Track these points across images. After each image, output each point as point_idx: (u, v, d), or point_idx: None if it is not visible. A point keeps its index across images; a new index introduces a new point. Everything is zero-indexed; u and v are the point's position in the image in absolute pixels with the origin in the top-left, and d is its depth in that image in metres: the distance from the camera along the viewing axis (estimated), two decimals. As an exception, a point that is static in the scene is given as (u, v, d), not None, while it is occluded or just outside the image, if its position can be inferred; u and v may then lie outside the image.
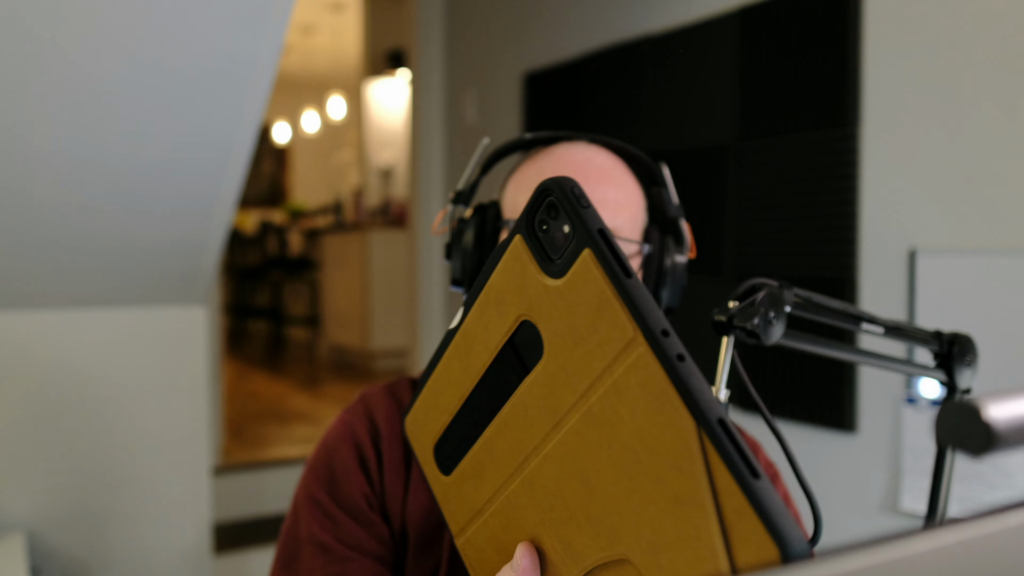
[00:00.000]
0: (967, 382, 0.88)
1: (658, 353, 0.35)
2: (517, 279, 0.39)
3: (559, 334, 0.38)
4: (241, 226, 7.61)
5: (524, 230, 0.39)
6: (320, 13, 6.71)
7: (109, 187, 1.77)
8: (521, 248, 0.39)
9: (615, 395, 0.36)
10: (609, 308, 0.36)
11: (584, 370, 0.37)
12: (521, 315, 0.39)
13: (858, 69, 1.77)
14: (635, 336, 0.35)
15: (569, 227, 0.37)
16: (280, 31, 1.58)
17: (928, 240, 1.66)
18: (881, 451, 1.73)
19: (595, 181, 0.78)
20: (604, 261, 0.36)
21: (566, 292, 0.37)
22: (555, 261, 0.38)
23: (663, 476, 0.35)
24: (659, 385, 0.35)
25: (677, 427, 0.34)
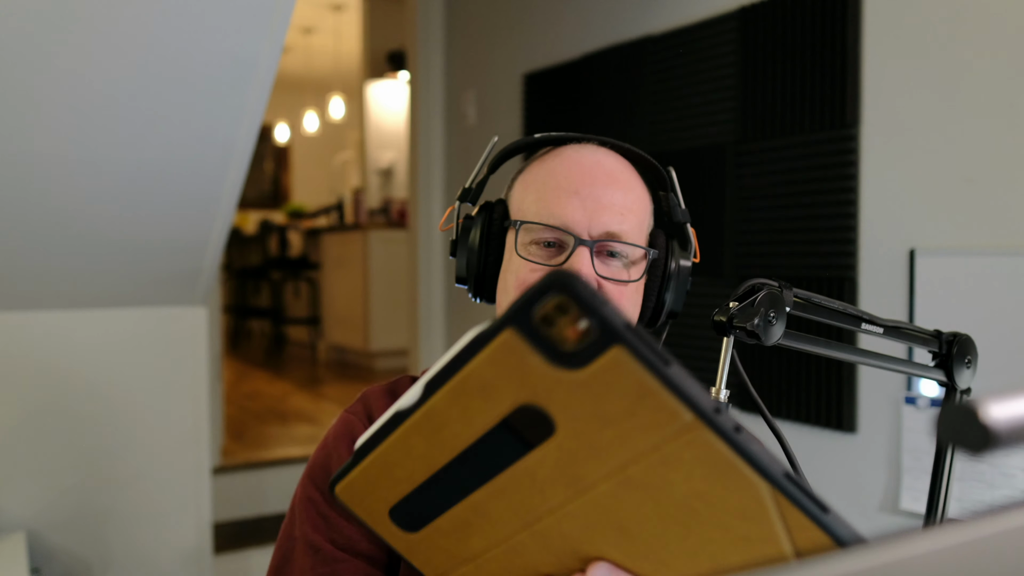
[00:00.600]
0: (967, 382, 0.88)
1: (719, 432, 0.36)
2: (513, 371, 0.38)
3: (580, 417, 0.37)
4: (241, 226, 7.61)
5: (519, 325, 0.37)
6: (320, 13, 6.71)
7: (110, 188, 1.77)
8: (515, 342, 0.37)
9: (663, 465, 0.37)
10: (654, 397, 0.36)
11: (619, 448, 0.37)
12: (520, 402, 0.38)
13: (858, 69, 1.77)
14: (692, 420, 0.36)
15: (587, 323, 0.36)
16: (280, 32, 1.59)
17: (928, 240, 1.66)
18: (881, 451, 1.73)
19: (604, 184, 0.79)
20: (642, 357, 0.35)
21: (591, 383, 0.36)
22: (569, 354, 0.36)
23: (726, 523, 0.37)
24: (722, 457, 0.36)
25: (745, 488, 0.36)
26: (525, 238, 0.79)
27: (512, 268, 0.80)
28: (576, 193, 0.78)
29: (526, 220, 0.79)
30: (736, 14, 2.03)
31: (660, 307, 0.83)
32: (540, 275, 0.77)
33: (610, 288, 0.78)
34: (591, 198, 0.78)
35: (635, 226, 0.80)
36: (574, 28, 2.61)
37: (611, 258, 0.79)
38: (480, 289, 0.84)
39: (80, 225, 1.82)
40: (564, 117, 2.62)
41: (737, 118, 2.03)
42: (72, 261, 1.90)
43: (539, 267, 0.78)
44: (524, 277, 0.78)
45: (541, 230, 0.78)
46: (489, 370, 0.38)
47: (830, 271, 1.82)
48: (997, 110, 1.56)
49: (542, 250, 0.79)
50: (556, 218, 0.77)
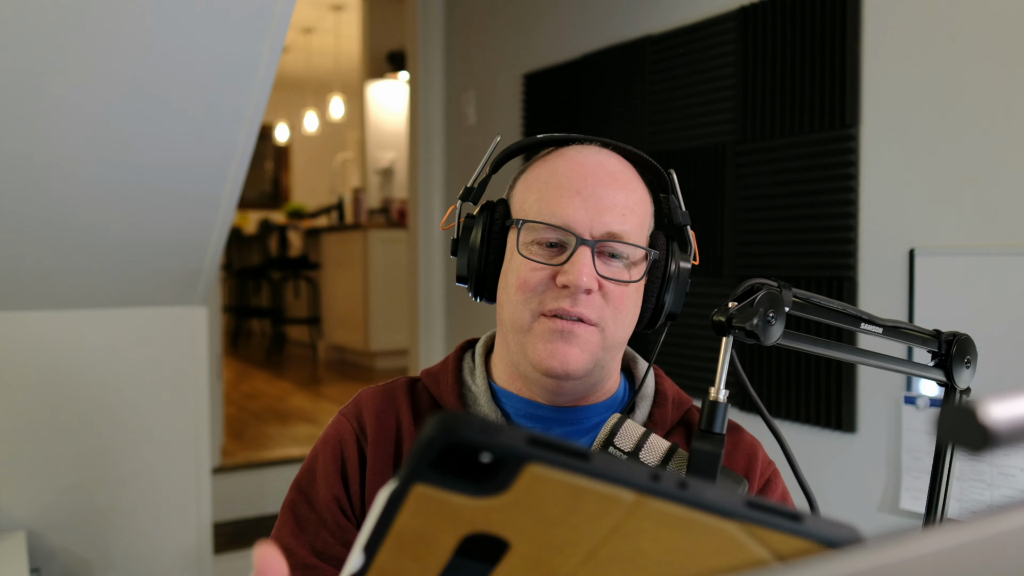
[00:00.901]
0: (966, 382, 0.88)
1: (666, 498, 0.35)
2: (440, 515, 0.36)
3: (527, 527, 0.37)
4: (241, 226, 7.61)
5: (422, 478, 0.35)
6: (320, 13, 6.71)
7: (110, 187, 1.77)
8: (427, 492, 0.35)
9: (628, 540, 0.36)
10: (587, 493, 0.35)
11: (578, 540, 0.37)
12: (462, 535, 0.37)
13: (858, 69, 1.77)
14: (634, 498, 0.35)
15: (488, 457, 0.34)
16: (280, 32, 1.59)
17: (927, 240, 1.66)
18: (881, 451, 1.73)
19: (606, 185, 0.79)
20: (558, 464, 0.34)
21: (520, 500, 0.35)
22: (484, 488, 0.35)
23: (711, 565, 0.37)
24: (679, 516, 0.36)
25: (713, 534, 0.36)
26: (527, 237, 0.79)
27: (513, 267, 0.80)
28: (578, 193, 0.78)
29: (528, 219, 0.79)
30: (736, 14, 2.03)
31: (660, 308, 0.83)
32: (542, 275, 0.78)
33: (611, 288, 0.78)
34: (593, 198, 0.78)
35: (636, 227, 0.80)
36: (574, 28, 2.61)
37: (612, 258, 0.79)
38: (481, 288, 0.85)
39: (80, 225, 1.82)
40: (564, 117, 2.62)
41: (737, 118, 2.03)
42: (72, 261, 1.90)
43: (540, 266, 0.78)
44: (525, 277, 0.78)
45: (543, 229, 0.78)
46: (416, 522, 0.37)
47: (830, 271, 1.82)
48: (997, 110, 1.56)
49: (544, 250, 0.79)
50: (558, 217, 0.78)
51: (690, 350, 2.10)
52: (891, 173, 1.73)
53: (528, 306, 0.78)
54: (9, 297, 1.90)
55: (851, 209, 1.78)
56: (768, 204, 1.96)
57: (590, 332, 0.77)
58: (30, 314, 1.95)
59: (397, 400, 0.87)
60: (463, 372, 0.88)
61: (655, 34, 2.27)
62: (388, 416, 0.85)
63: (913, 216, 1.69)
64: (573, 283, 0.75)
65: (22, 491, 1.94)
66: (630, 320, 0.81)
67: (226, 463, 3.13)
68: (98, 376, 2.04)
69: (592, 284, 0.76)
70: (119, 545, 2.06)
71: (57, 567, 1.98)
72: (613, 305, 0.78)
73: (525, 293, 0.78)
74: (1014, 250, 1.52)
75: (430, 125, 3.36)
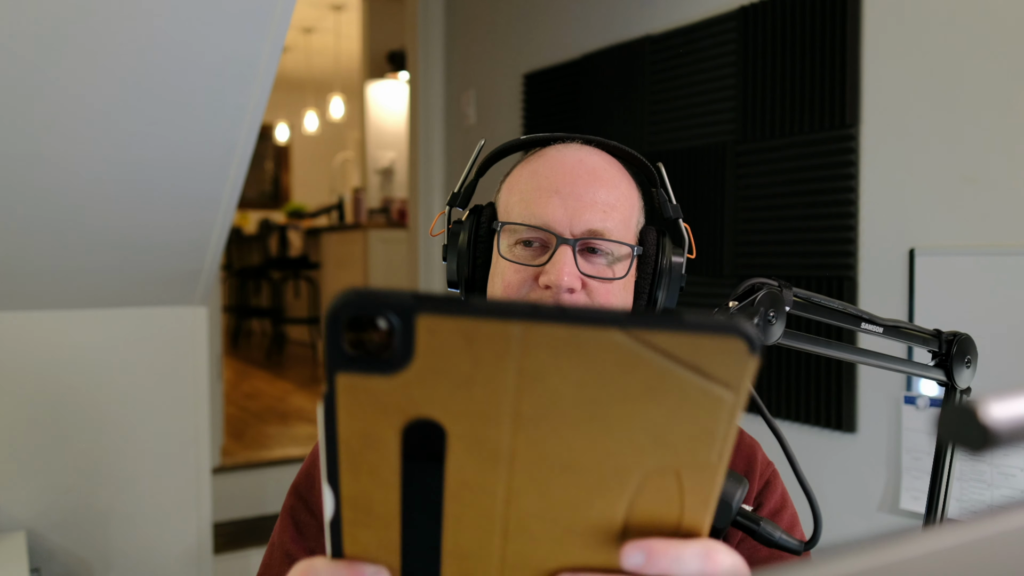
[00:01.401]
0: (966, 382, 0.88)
1: (549, 319, 0.36)
2: (370, 405, 0.38)
3: (450, 398, 0.38)
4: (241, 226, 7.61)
5: (340, 365, 0.37)
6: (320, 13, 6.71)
7: (110, 187, 1.77)
8: (350, 381, 0.37)
9: (537, 382, 0.37)
10: (479, 334, 0.36)
11: (496, 399, 0.38)
12: (399, 425, 0.38)
13: (858, 69, 1.77)
14: (520, 327, 0.36)
15: (383, 320, 0.36)
16: (280, 31, 1.59)
17: (928, 240, 1.66)
18: (881, 451, 1.73)
19: (585, 182, 0.78)
20: (443, 309, 0.36)
21: (430, 364, 0.37)
22: (395, 356, 0.37)
23: (624, 389, 0.37)
24: (567, 338, 0.36)
25: (605, 347, 0.36)
26: (509, 240, 0.79)
27: (498, 271, 0.80)
28: (557, 192, 0.77)
29: (508, 221, 0.79)
30: (736, 14, 2.03)
31: (652, 304, 0.82)
32: (524, 276, 0.77)
33: (595, 286, 0.77)
34: (572, 196, 0.77)
35: (620, 223, 0.79)
36: (574, 28, 2.61)
37: (595, 256, 0.78)
38: (471, 293, 0.84)
39: (80, 225, 1.82)
40: (564, 117, 2.62)
41: (737, 118, 2.03)
42: (72, 261, 1.90)
43: (523, 268, 0.77)
44: (509, 279, 0.78)
45: (524, 231, 0.78)
46: (353, 422, 0.38)
47: (830, 271, 1.82)
48: (997, 110, 1.56)
49: (526, 251, 0.78)
50: (537, 218, 0.77)
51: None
52: (891, 173, 1.73)
53: None
54: (9, 297, 1.91)
55: (851, 209, 1.78)
56: (768, 204, 1.96)
57: None
58: (30, 314, 1.95)
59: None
60: None
61: (655, 34, 2.27)
62: None
63: (913, 216, 1.69)
64: (554, 283, 0.74)
65: (22, 491, 1.94)
66: None
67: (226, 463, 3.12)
68: (98, 376, 2.04)
69: (574, 283, 0.75)
70: (119, 545, 2.06)
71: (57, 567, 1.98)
72: (599, 303, 0.77)
73: (509, 295, 0.78)
74: (1014, 250, 1.52)
75: (430, 125, 3.36)
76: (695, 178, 2.12)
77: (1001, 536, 0.25)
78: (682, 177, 2.15)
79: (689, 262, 0.85)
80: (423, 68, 3.38)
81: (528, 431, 0.38)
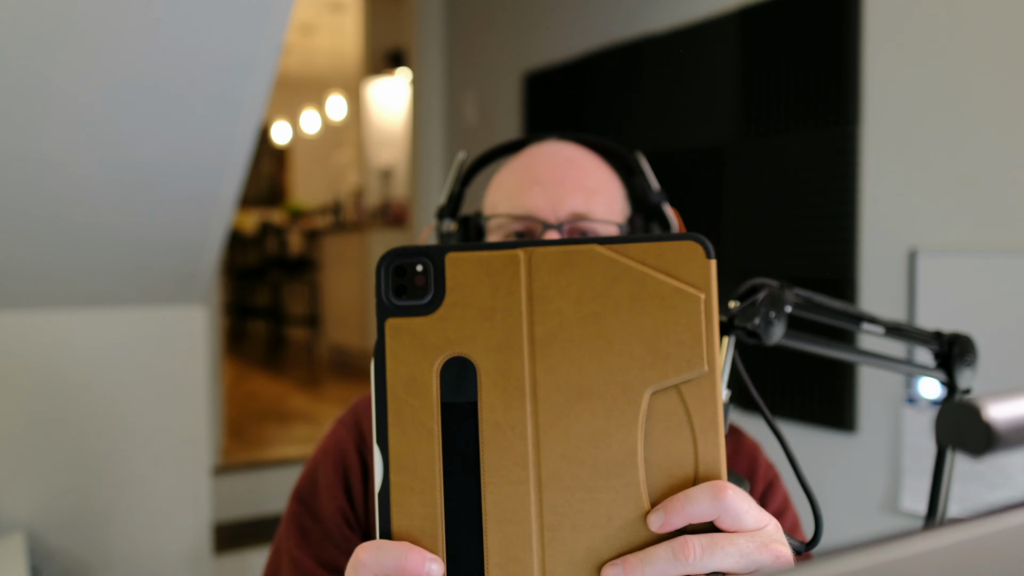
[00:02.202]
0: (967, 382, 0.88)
1: (544, 243, 0.44)
2: (413, 347, 0.44)
3: (474, 333, 0.43)
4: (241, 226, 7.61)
5: (387, 311, 0.44)
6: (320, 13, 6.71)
7: (110, 187, 1.77)
8: (397, 324, 0.44)
9: (545, 303, 0.43)
10: (493, 262, 0.43)
11: (514, 324, 0.44)
12: (438, 367, 0.44)
13: (858, 69, 1.77)
14: (524, 252, 0.43)
15: (420, 265, 0.44)
16: (280, 31, 1.59)
17: (928, 240, 1.66)
18: (881, 451, 1.73)
19: (564, 169, 0.80)
20: (465, 247, 0.44)
21: (460, 297, 0.44)
22: (433, 297, 0.44)
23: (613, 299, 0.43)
24: (562, 256, 0.44)
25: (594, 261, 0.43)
26: (497, 235, 0.81)
27: None
28: (537, 182, 0.79)
29: (494, 215, 0.81)
30: (736, 14, 2.03)
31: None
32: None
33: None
34: (552, 182, 0.79)
35: (604, 206, 0.80)
36: (574, 28, 2.61)
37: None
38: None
39: (80, 224, 1.82)
40: (564, 117, 2.62)
41: (737, 118, 2.03)
42: (72, 260, 1.90)
43: None
44: None
45: (509, 222, 0.80)
46: (399, 365, 0.44)
47: (830, 271, 1.82)
48: (998, 110, 1.56)
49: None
50: (521, 208, 0.79)
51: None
52: (891, 173, 1.73)
53: None
54: (7, 296, 1.90)
55: (851, 209, 1.78)
56: (768, 204, 1.96)
57: None
58: (29, 314, 1.95)
59: None
60: None
61: (655, 34, 2.27)
62: None
63: (913, 216, 1.69)
64: None
65: (22, 491, 1.94)
66: None
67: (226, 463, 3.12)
68: (97, 376, 2.04)
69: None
70: (119, 545, 2.06)
71: (57, 567, 1.97)
72: None
73: None
74: (1014, 250, 1.52)
75: (430, 125, 3.36)
76: (695, 178, 2.12)
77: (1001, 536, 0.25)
78: (682, 177, 2.15)
79: None
80: (423, 68, 3.38)
81: (544, 357, 0.44)
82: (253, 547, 2.68)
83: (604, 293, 0.43)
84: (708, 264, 0.43)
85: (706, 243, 0.43)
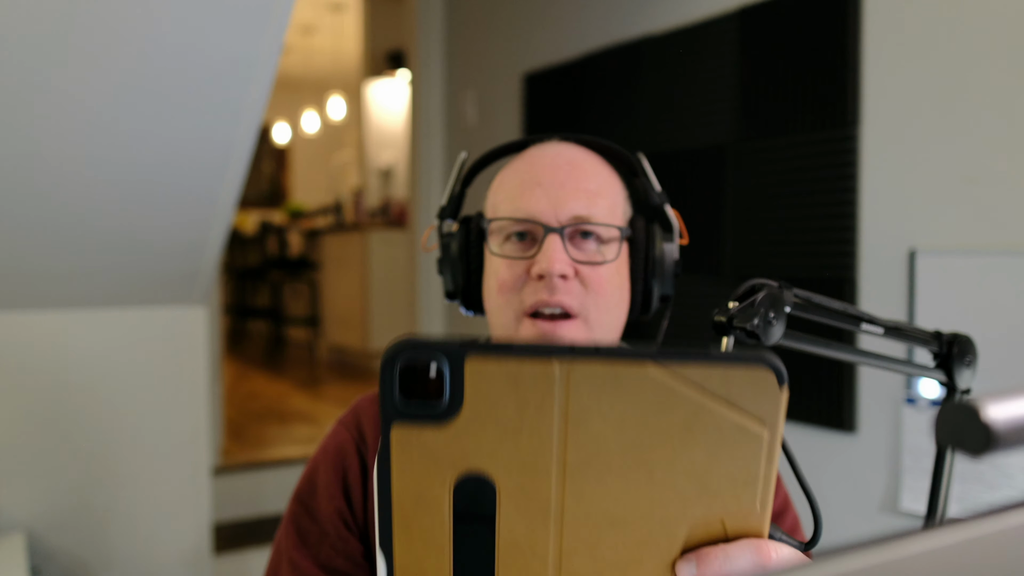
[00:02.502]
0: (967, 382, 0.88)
1: (585, 355, 0.38)
2: (422, 459, 0.39)
3: (495, 449, 0.39)
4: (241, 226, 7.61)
5: (395, 415, 0.38)
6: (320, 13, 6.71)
7: (109, 188, 1.77)
8: (405, 433, 0.38)
9: (580, 426, 0.38)
10: (524, 373, 0.38)
11: (543, 445, 0.38)
12: (451, 483, 0.39)
13: (858, 69, 1.77)
14: (559, 364, 0.38)
15: (435, 364, 0.38)
16: (280, 31, 1.58)
17: (928, 240, 1.66)
18: (881, 451, 1.73)
19: (566, 172, 0.79)
20: (491, 351, 0.38)
21: (478, 409, 0.38)
22: (445, 403, 0.38)
23: (661, 427, 0.38)
24: (604, 372, 0.38)
25: (645, 384, 0.38)
26: (499, 237, 0.80)
27: (492, 269, 0.81)
28: (539, 184, 0.78)
29: (495, 218, 0.80)
30: (736, 14, 2.03)
31: (648, 292, 0.83)
32: (518, 270, 0.78)
33: (587, 272, 0.77)
34: (554, 186, 0.78)
35: (605, 209, 0.79)
36: (574, 28, 2.61)
37: (584, 241, 0.78)
38: (470, 300, 0.85)
39: (80, 225, 1.82)
40: (564, 117, 2.62)
41: (737, 118, 2.03)
42: (72, 261, 1.90)
43: (515, 262, 0.78)
44: (503, 276, 0.78)
45: (511, 225, 0.79)
46: (407, 479, 0.39)
47: (830, 271, 1.82)
48: (997, 110, 1.56)
49: (515, 245, 0.79)
50: (523, 211, 0.78)
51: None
52: (891, 173, 1.73)
53: (511, 307, 0.78)
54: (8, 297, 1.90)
55: (851, 209, 1.78)
56: (768, 204, 1.96)
57: (574, 327, 0.76)
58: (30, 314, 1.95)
59: None
60: None
61: (655, 34, 2.27)
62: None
63: (913, 216, 1.69)
64: (546, 271, 0.75)
65: (22, 491, 1.94)
66: (615, 304, 0.80)
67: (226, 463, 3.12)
68: (97, 376, 2.04)
69: (566, 269, 0.75)
70: (119, 545, 2.06)
71: (57, 567, 1.97)
72: (593, 290, 0.77)
73: (505, 294, 0.78)
74: (1014, 250, 1.52)
75: (430, 125, 3.36)
76: (695, 178, 2.12)
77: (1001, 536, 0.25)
78: (682, 177, 2.15)
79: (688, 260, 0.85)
80: (423, 68, 3.38)
81: (575, 482, 0.39)
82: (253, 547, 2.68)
83: (653, 421, 0.38)
84: (779, 395, 0.37)
85: (780, 370, 0.37)
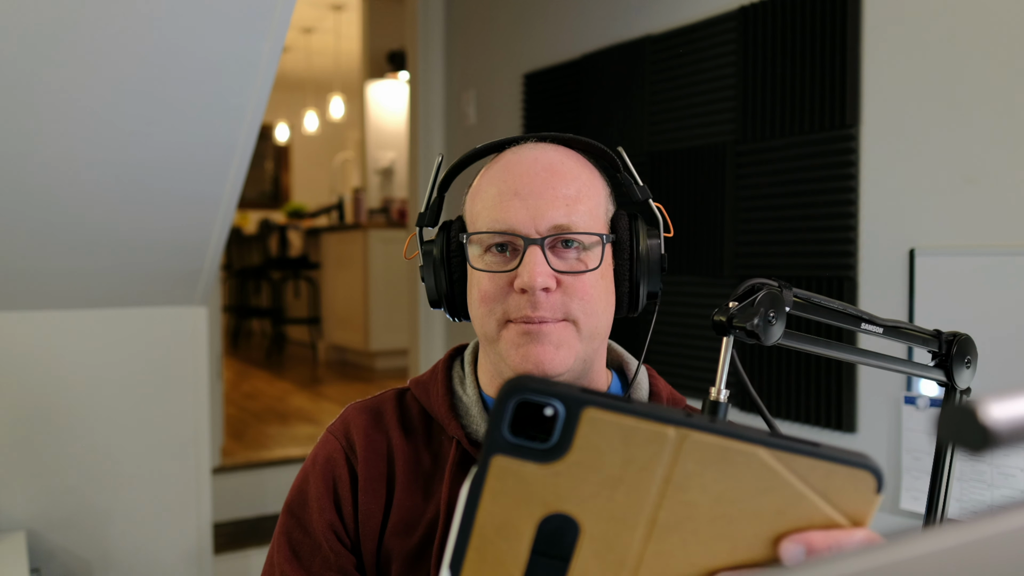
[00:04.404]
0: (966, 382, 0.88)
1: (702, 429, 0.39)
2: (517, 493, 0.39)
3: (593, 495, 0.39)
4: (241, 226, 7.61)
5: (500, 448, 0.39)
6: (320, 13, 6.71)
7: (110, 187, 1.77)
8: (506, 464, 0.39)
9: (680, 492, 0.39)
10: (637, 433, 0.38)
11: (637, 502, 0.39)
12: (537, 519, 0.40)
13: (858, 69, 1.77)
14: (676, 432, 0.38)
15: (552, 408, 0.38)
16: (280, 31, 1.58)
17: (928, 240, 1.66)
18: (881, 451, 1.73)
19: (544, 179, 0.78)
20: (610, 406, 0.38)
21: (584, 456, 0.39)
22: (554, 445, 0.39)
23: (757, 509, 0.39)
24: (717, 448, 0.39)
25: (749, 463, 0.39)
26: (478, 249, 0.79)
27: (474, 282, 0.80)
28: (516, 194, 0.77)
29: (475, 231, 0.79)
30: (736, 14, 2.03)
31: (635, 289, 0.82)
32: (500, 282, 0.77)
33: (569, 282, 0.76)
34: (533, 196, 0.77)
35: (585, 214, 0.78)
36: (574, 28, 2.61)
37: (566, 250, 0.77)
38: (454, 308, 0.85)
39: (80, 225, 1.82)
40: (564, 117, 2.62)
41: (737, 118, 2.03)
42: (72, 261, 1.90)
43: (496, 275, 0.77)
44: (485, 288, 0.78)
45: (490, 238, 0.78)
46: (496, 507, 0.40)
47: (830, 271, 1.82)
48: (997, 110, 1.56)
49: (496, 257, 0.78)
50: (501, 223, 0.77)
51: (690, 350, 2.10)
52: (891, 173, 1.73)
53: (493, 316, 0.77)
54: (9, 297, 1.90)
55: (851, 209, 1.78)
56: (768, 204, 1.96)
57: (560, 327, 0.76)
58: (30, 314, 1.95)
59: (385, 416, 0.86)
60: (453, 381, 0.87)
61: (655, 34, 2.27)
62: (377, 433, 0.84)
63: (913, 216, 1.69)
64: (528, 285, 0.74)
65: (22, 491, 1.94)
66: (603, 308, 0.79)
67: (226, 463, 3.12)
68: (98, 376, 2.04)
69: (548, 282, 0.75)
70: (119, 545, 2.06)
71: (57, 567, 1.98)
72: (578, 297, 0.76)
73: (488, 304, 0.78)
74: (1014, 250, 1.52)
75: (430, 125, 3.36)
76: (695, 178, 2.12)
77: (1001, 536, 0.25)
78: (682, 177, 2.15)
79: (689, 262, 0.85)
80: (423, 68, 3.38)
81: (659, 541, 0.40)
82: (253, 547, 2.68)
83: (749, 500, 0.39)
84: (874, 499, 0.39)
85: (881, 476, 0.39)
